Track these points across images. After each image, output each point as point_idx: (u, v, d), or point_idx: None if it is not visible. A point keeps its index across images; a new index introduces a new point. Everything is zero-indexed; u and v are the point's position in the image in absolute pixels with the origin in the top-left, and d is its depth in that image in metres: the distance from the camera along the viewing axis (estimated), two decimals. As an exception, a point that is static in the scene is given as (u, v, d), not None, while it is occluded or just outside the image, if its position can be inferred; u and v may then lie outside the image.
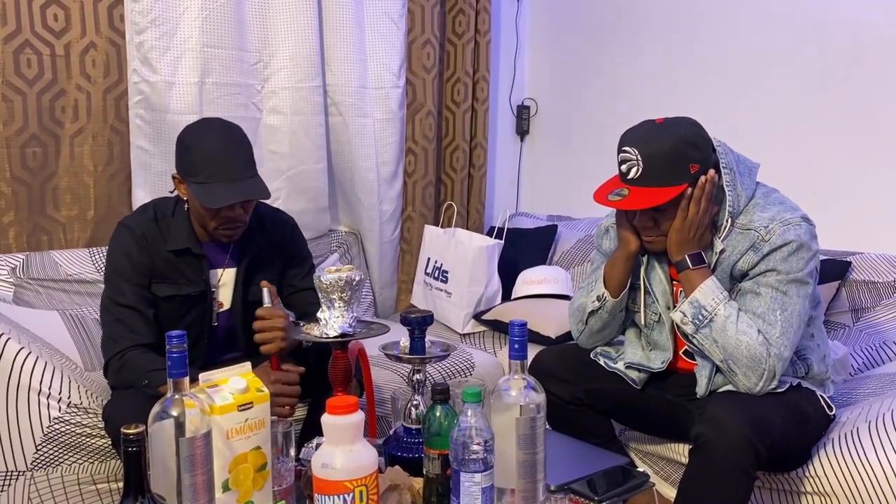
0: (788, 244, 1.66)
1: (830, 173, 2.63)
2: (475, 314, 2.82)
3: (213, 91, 2.57)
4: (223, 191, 1.79)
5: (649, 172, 1.65)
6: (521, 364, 1.36)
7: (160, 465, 1.23)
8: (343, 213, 3.06)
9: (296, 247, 2.09)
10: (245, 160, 1.85)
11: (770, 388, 1.66)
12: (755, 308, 1.68)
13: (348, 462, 1.22)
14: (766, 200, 1.74)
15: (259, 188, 1.85)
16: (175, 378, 1.23)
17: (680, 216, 1.68)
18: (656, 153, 1.65)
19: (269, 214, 2.07)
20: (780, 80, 2.74)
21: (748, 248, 1.69)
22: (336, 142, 2.91)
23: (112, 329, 1.85)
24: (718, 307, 1.67)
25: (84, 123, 2.45)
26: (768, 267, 1.67)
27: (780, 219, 1.68)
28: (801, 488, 1.79)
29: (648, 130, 1.70)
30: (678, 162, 1.65)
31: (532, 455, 1.34)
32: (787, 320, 1.66)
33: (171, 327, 1.87)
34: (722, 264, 1.73)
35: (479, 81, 3.30)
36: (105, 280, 1.91)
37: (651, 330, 1.89)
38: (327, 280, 1.58)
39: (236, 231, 1.90)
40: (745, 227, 1.71)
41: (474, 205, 3.38)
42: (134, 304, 1.86)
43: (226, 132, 1.87)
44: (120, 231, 1.92)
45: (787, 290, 1.67)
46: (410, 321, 1.61)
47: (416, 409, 1.59)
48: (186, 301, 1.92)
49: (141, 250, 1.88)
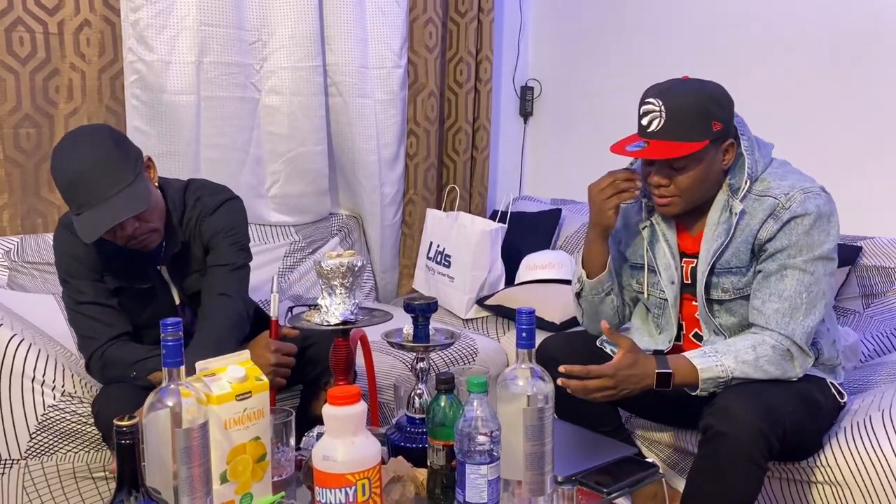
0: (809, 214, 1.62)
1: (840, 156, 2.58)
2: (478, 299, 2.78)
3: (211, 70, 2.53)
4: (96, 218, 1.62)
5: (672, 125, 1.61)
6: (528, 353, 1.32)
7: (155, 457, 1.20)
8: (343, 196, 3.03)
9: (208, 228, 1.87)
10: (113, 170, 1.64)
11: (808, 367, 1.67)
12: (781, 291, 1.64)
13: (350, 454, 1.18)
14: (784, 169, 1.71)
15: (136, 199, 1.65)
16: (171, 367, 1.19)
17: (694, 174, 1.64)
18: (681, 106, 1.61)
19: (196, 201, 1.88)
20: (790, 60, 2.68)
21: (768, 216, 1.65)
22: (336, 123, 2.86)
23: (85, 328, 1.80)
24: (728, 368, 1.62)
25: (79, 104, 2.40)
26: (790, 241, 1.64)
27: (799, 186, 1.65)
28: (812, 478, 1.75)
29: (674, 84, 1.66)
30: (702, 117, 1.61)
31: (540, 446, 1.30)
32: (811, 302, 1.64)
33: (136, 318, 1.84)
34: (743, 232, 1.68)
35: (483, 61, 3.25)
36: (61, 284, 1.84)
37: (660, 311, 1.85)
38: (328, 266, 1.53)
39: (148, 241, 1.76)
40: (763, 193, 1.67)
41: (477, 188, 3.34)
42: (96, 300, 1.80)
43: (81, 146, 1.67)
44: (60, 232, 1.83)
45: (813, 270, 1.64)
46: (414, 308, 1.57)
47: (420, 398, 1.55)
48: (139, 294, 1.84)
49: (84, 246, 1.77)
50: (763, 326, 1.66)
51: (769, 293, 1.66)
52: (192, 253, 1.88)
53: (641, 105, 1.66)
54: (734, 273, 1.72)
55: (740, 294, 1.73)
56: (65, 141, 1.72)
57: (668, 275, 1.79)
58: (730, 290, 1.73)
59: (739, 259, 1.70)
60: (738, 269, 1.71)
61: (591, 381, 1.58)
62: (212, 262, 1.87)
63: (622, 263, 1.91)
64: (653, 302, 1.85)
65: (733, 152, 1.69)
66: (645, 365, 1.61)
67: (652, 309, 1.87)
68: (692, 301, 1.79)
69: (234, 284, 1.86)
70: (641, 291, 1.86)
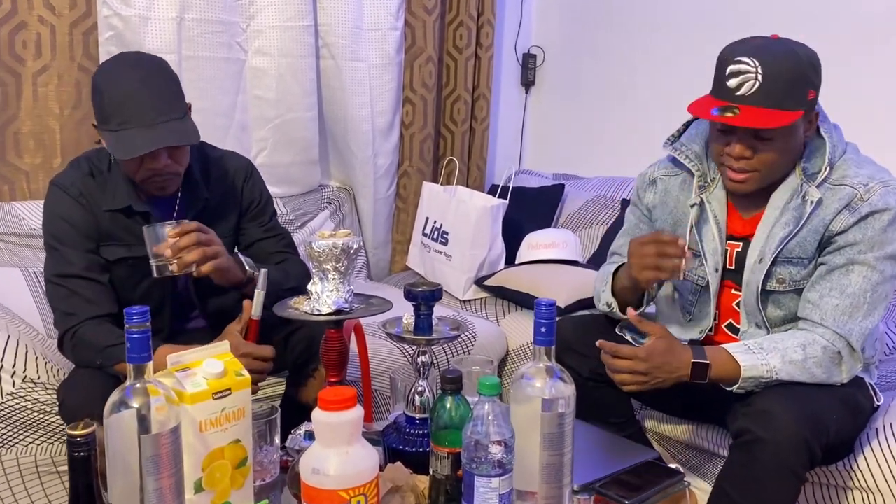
0: (889, 210, 1.49)
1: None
2: (477, 279, 2.65)
3: (194, 28, 2.39)
4: (138, 139, 1.55)
5: (769, 90, 1.43)
6: (547, 350, 1.17)
7: (119, 466, 1.05)
8: (335, 166, 2.91)
9: (249, 194, 1.86)
10: (167, 100, 1.61)
11: (855, 373, 1.55)
12: (844, 287, 1.51)
13: (344, 468, 1.03)
14: (860, 157, 1.57)
15: (184, 132, 1.62)
16: (136, 363, 1.04)
17: (782, 147, 1.49)
18: (780, 69, 1.44)
19: (217, 160, 1.84)
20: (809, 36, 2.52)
21: (843, 207, 1.51)
22: (328, 88, 2.73)
23: (64, 303, 1.64)
24: (774, 368, 1.48)
25: (48, 61, 2.25)
26: (865, 236, 1.50)
27: (879, 178, 1.52)
28: (844, 483, 1.63)
29: (769, 43, 1.48)
30: (800, 83, 1.46)
31: (559, 457, 1.16)
32: (874, 303, 1.52)
33: (129, 294, 1.70)
34: (813, 221, 1.54)
35: (484, 26, 3.08)
36: (47, 251, 1.68)
37: (695, 298, 1.70)
38: (320, 247, 1.36)
39: (168, 184, 1.67)
40: (838, 181, 1.53)
41: (475, 161, 3.20)
42: (85, 273, 1.64)
43: (141, 67, 1.63)
44: (53, 192, 1.69)
45: (883, 269, 1.51)
46: (416, 295, 1.40)
47: (421, 395, 1.40)
48: (141, 264, 1.70)
49: (82, 210, 1.66)
50: (817, 322, 1.52)
51: (830, 287, 1.52)
52: (219, 213, 1.80)
53: (729, 64, 1.47)
54: (795, 264, 1.57)
55: (796, 287, 1.58)
56: (115, 59, 1.71)
57: (714, 261, 1.64)
58: (786, 280, 1.58)
59: (804, 250, 1.55)
60: (799, 260, 1.57)
61: (621, 362, 1.45)
62: (264, 227, 1.87)
63: None
64: (687, 287, 1.71)
65: (815, 122, 1.54)
66: (681, 353, 1.47)
67: (685, 295, 1.73)
68: (731, 289, 1.65)
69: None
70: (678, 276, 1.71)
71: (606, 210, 2.81)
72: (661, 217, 1.74)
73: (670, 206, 1.72)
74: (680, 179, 1.70)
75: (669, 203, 1.72)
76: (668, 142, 1.71)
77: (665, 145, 1.71)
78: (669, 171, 1.72)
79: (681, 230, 1.67)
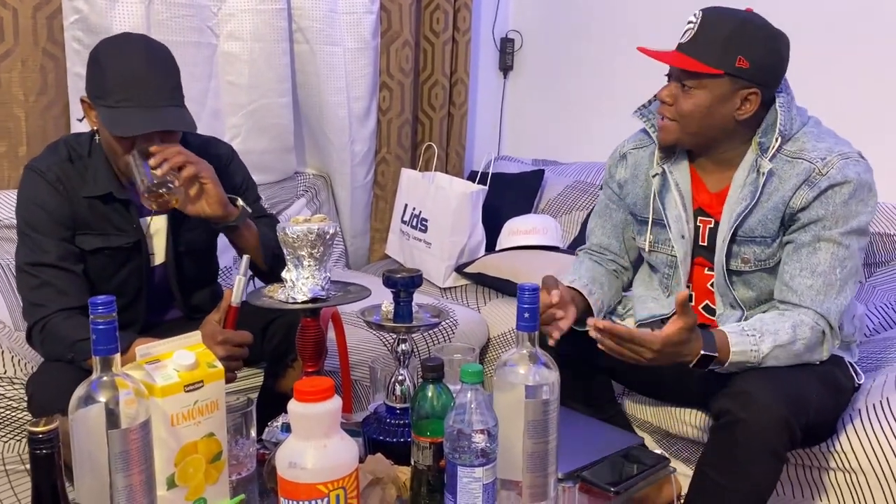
0: (848, 182, 1.49)
1: (842, 116, 2.42)
2: (457, 266, 2.62)
3: (163, 12, 2.31)
4: (137, 118, 1.53)
5: (699, 41, 1.51)
6: (530, 336, 1.14)
7: (86, 463, 1.01)
8: (310, 154, 2.85)
9: (232, 179, 1.82)
10: (170, 86, 1.60)
11: (834, 349, 1.56)
12: (814, 266, 1.51)
13: (322, 461, 1.00)
14: (820, 130, 1.58)
15: (182, 119, 1.60)
16: (102, 356, 1.00)
17: (697, 101, 1.52)
18: (715, 26, 1.51)
19: (198, 147, 1.79)
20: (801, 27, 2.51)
21: (802, 182, 1.51)
22: (302, 73, 2.68)
23: (34, 293, 1.58)
24: (760, 353, 1.45)
25: (11, 46, 2.16)
26: (827, 211, 1.49)
27: (837, 151, 1.51)
28: (826, 464, 1.63)
29: (728, 10, 1.54)
30: (729, 47, 1.49)
31: (543, 444, 1.13)
32: (844, 279, 1.51)
33: (104, 286, 1.64)
34: (771, 198, 1.54)
35: (461, 9, 3.04)
36: (19, 238, 1.63)
37: (671, 270, 1.69)
38: (294, 233, 1.32)
39: None
40: (796, 155, 1.53)
41: (454, 147, 3.16)
42: (58, 262, 1.59)
43: (149, 51, 1.61)
44: (29, 177, 1.63)
45: (849, 244, 1.51)
46: (395, 282, 1.37)
47: (402, 385, 1.37)
48: (118, 254, 1.65)
49: (58, 197, 1.60)
50: (797, 304, 1.51)
51: (800, 267, 1.52)
52: None
53: None
54: (758, 243, 1.57)
55: (762, 266, 1.58)
56: (121, 37, 1.67)
57: (678, 228, 1.64)
58: (751, 260, 1.58)
59: (766, 228, 1.55)
60: (762, 239, 1.56)
61: (631, 346, 1.42)
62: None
63: (628, 218, 1.77)
64: (660, 260, 1.70)
65: (754, 105, 1.53)
66: (694, 345, 1.43)
67: (660, 268, 1.72)
68: (704, 269, 1.64)
69: None
70: (644, 248, 1.70)
71: (586, 195, 2.79)
72: (631, 192, 1.74)
73: (641, 180, 1.72)
74: (649, 151, 1.71)
75: (640, 176, 1.72)
76: (637, 110, 1.72)
77: (634, 113, 1.72)
78: (639, 143, 1.74)
79: (648, 201, 1.69)
